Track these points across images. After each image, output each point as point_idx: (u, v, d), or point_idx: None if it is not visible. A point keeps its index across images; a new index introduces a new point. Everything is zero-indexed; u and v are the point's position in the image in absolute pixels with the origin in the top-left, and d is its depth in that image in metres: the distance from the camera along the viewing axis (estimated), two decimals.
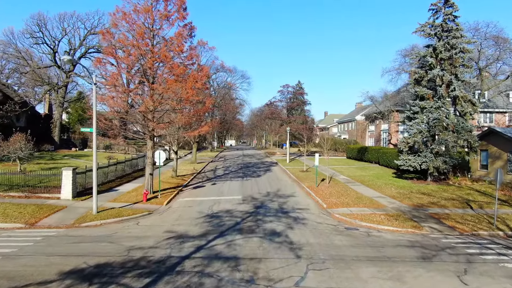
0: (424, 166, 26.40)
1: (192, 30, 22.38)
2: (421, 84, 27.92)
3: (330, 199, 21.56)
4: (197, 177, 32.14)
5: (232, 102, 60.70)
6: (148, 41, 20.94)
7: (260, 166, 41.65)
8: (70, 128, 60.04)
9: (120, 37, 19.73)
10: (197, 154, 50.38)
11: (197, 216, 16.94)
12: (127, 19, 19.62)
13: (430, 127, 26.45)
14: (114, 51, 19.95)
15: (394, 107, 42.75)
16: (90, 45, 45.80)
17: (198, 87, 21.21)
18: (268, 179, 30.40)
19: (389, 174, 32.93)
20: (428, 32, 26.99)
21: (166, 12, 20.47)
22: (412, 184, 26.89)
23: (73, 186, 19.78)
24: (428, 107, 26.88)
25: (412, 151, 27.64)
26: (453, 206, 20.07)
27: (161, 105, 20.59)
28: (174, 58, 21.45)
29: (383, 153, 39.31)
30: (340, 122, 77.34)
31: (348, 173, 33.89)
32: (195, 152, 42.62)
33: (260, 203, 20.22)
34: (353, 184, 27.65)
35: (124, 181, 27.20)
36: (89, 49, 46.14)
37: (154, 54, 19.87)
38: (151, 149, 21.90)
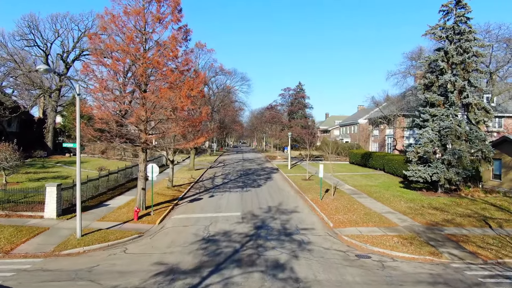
0: (435, 178, 24.81)
1: (188, 34, 20.81)
2: (431, 90, 26.33)
3: (336, 216, 19.99)
4: (194, 187, 30.56)
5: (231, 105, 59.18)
6: (139, 45, 19.38)
7: (261, 174, 40.05)
8: (66, 132, 58.45)
9: (109, 42, 18.13)
10: (195, 159, 48.78)
11: (192, 240, 15.36)
12: (116, 22, 18.02)
13: (442, 136, 24.86)
14: (102, 57, 18.37)
15: (400, 112, 41.15)
16: (84, 47, 44.17)
17: (193, 95, 19.62)
18: (269, 190, 28.81)
19: (396, 184, 31.34)
20: (439, 35, 25.40)
21: (159, 14, 18.90)
22: (422, 196, 25.30)
23: (57, 204, 18.19)
24: (439, 115, 25.29)
25: (421, 161, 26.05)
26: (470, 224, 18.50)
27: (154, 115, 19.01)
28: (168, 63, 19.90)
29: (389, 160, 37.73)
30: (342, 125, 75.72)
31: (353, 182, 32.30)
32: (193, 158, 41.06)
33: (261, 221, 18.63)
34: (360, 196, 26.07)
35: (116, 193, 25.60)
36: (83, 51, 44.52)
37: (146, 59, 18.29)
38: (143, 161, 20.33)
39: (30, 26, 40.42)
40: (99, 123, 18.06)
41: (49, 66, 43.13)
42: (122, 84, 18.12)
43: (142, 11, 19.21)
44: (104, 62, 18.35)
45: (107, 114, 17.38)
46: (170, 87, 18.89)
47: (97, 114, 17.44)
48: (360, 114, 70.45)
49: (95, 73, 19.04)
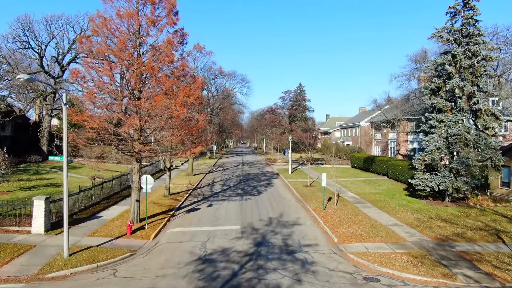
0: (442, 187, 23.81)
1: (184, 37, 19.84)
2: (438, 95, 25.34)
3: (340, 229, 18.98)
4: (192, 194, 29.54)
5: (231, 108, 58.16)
6: (133, 50, 18.38)
7: (261, 179, 39.03)
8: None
9: (101, 46, 17.13)
10: (194, 163, 47.75)
11: (187, 259, 14.34)
12: (107, 25, 17.02)
13: (450, 144, 23.85)
14: (93, 62, 17.36)
15: (403, 116, 40.12)
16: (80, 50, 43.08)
17: (190, 102, 18.61)
18: (270, 198, 27.80)
19: (400, 191, 30.33)
20: (447, 37, 24.38)
21: (153, 17, 17.88)
22: (429, 206, 24.29)
23: (45, 218, 17.18)
24: (446, 121, 24.28)
25: (428, 169, 25.04)
26: (482, 239, 17.50)
27: (148, 124, 18.00)
28: (163, 69, 18.90)
29: (392, 165, 36.71)
30: (344, 127, 74.70)
31: (356, 190, 31.29)
32: (191, 162, 40.03)
33: (261, 236, 17.62)
34: (364, 205, 25.06)
35: (111, 202, 24.59)
36: (79, 54, 43.47)
37: (140, 65, 17.27)
38: (137, 172, 19.32)
39: (23, 28, 39.41)
40: (90, 132, 17.04)
41: (44, 69, 42.25)
42: (115, 91, 17.09)
43: (135, 14, 18.21)
44: (96, 67, 17.34)
45: (98, 123, 16.36)
46: (165, 93, 17.92)
47: (88, 124, 16.42)
48: (362, 116, 69.44)
49: (86, 79, 18.12)
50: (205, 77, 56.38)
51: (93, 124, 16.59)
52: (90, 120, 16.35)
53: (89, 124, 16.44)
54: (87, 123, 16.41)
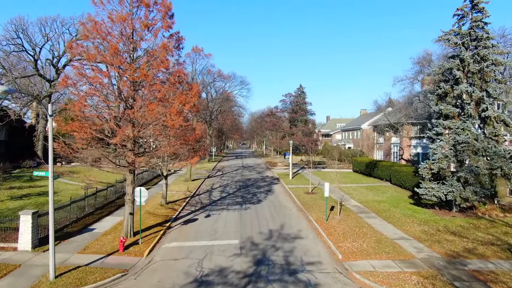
0: (450, 197, 22.85)
1: (180, 41, 18.89)
2: (445, 101, 24.39)
3: (344, 243, 18.02)
4: (190, 203, 28.57)
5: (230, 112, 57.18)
6: (126, 55, 17.43)
7: (261, 185, 38.06)
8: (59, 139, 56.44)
9: (92, 52, 16.17)
10: (193, 167, 46.79)
11: (182, 281, 13.39)
12: (98, 29, 16.06)
13: (458, 152, 22.89)
14: (83, 69, 16.42)
15: (407, 120, 39.15)
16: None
17: (187, 109, 17.66)
18: (270, 207, 26.82)
19: (405, 199, 29.36)
20: (455, 41, 23.42)
21: (147, 21, 16.93)
22: (435, 217, 23.33)
23: (33, 234, 16.22)
24: (454, 128, 23.33)
25: (434, 177, 24.08)
26: (495, 255, 16.53)
27: (141, 133, 17.05)
28: (158, 75, 17.95)
29: (396, 171, 35.74)
30: (345, 130, 73.74)
31: (359, 197, 30.33)
32: (189, 168, 39.05)
33: (262, 253, 16.65)
34: (368, 215, 24.10)
35: (104, 213, 23.63)
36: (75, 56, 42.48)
37: (133, 72, 16.31)
38: (131, 184, 18.36)
39: (17, 30, 38.43)
40: (80, 143, 16.09)
41: (38, 72, 41.26)
42: (106, 99, 16.13)
43: (129, 17, 17.28)
44: (87, 74, 16.39)
45: (89, 134, 15.42)
46: (160, 101, 16.97)
47: (77, 134, 15.48)
48: (363, 119, 68.50)
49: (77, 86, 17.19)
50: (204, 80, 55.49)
51: (83, 134, 15.65)
52: (80, 131, 15.39)
53: (79, 135, 15.50)
54: (77, 133, 15.47)
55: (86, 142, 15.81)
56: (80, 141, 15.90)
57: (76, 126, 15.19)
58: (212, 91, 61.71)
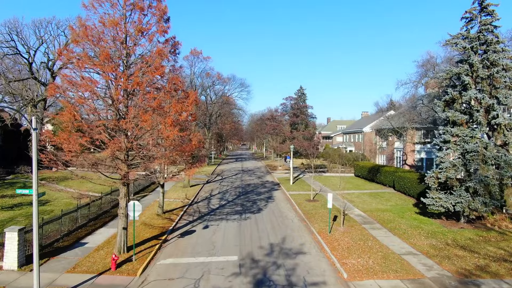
0: (458, 208, 21.94)
1: (176, 47, 18.00)
2: (452, 107, 23.48)
3: (349, 260, 17.09)
4: (188, 212, 27.63)
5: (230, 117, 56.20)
6: (119, 61, 16.52)
7: (261, 192, 37.12)
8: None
9: (82, 59, 15.26)
10: None
11: None
12: (89, 35, 15.14)
13: (466, 161, 21.97)
14: (73, 76, 15.49)
15: (410, 124, 38.21)
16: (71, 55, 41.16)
17: (183, 119, 16.74)
18: (271, 217, 25.88)
19: (410, 208, 28.43)
20: (463, 45, 22.49)
21: (141, 26, 16.00)
22: (443, 228, 22.39)
23: (19, 252, 15.28)
24: (462, 136, 22.40)
25: (441, 187, 23.17)
26: (509, 274, 15.61)
27: (134, 144, 16.11)
28: (153, 81, 17.02)
29: (400, 177, 34.80)
30: (346, 133, 72.83)
31: (363, 205, 29.39)
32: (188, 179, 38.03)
33: (262, 271, 15.71)
34: (372, 226, 23.17)
35: (98, 224, 22.69)
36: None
37: (126, 80, 15.39)
38: (124, 197, 17.42)
39: (11, 33, 37.47)
40: (68, 155, 15.17)
41: (33, 75, 40.32)
42: (96, 109, 15.20)
43: (122, 21, 16.39)
44: (77, 82, 15.46)
45: (77, 147, 14.50)
46: (154, 110, 16.05)
47: (66, 146, 14.56)
48: (365, 122, 67.59)
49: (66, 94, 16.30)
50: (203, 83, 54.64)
51: (71, 146, 14.72)
52: (68, 142, 14.48)
53: (67, 147, 14.58)
54: (65, 145, 14.54)
55: (75, 154, 14.86)
56: (69, 153, 14.95)
57: (64, 137, 14.26)
58: (211, 94, 60.89)
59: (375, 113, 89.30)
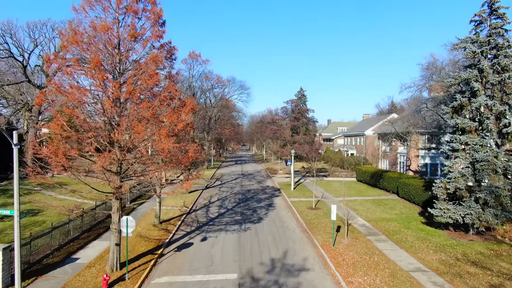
0: (468, 220, 20.99)
1: (172, 52, 17.05)
2: (461, 114, 22.56)
3: (355, 278, 16.14)
4: (185, 221, 26.67)
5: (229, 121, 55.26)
6: (110, 68, 15.58)
7: (261, 198, 36.16)
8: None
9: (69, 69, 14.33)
10: None
11: None
12: (78, 41, 14.20)
13: (476, 171, 21.03)
14: (62, 85, 14.56)
15: (415, 129, 37.27)
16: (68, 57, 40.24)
17: (180, 128, 15.78)
18: (271, 227, 24.92)
19: (415, 217, 27.46)
20: (473, 50, 21.56)
21: (134, 31, 15.05)
22: (452, 240, 21.44)
23: (4, 272, 14.32)
24: (471, 144, 21.47)
25: (450, 197, 22.23)
26: None
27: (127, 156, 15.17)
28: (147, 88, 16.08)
29: (404, 183, 33.84)
30: (347, 136, 71.90)
31: (366, 214, 28.44)
32: None
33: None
34: (378, 238, 22.22)
35: (91, 236, 21.74)
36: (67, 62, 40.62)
37: (118, 88, 14.45)
38: (117, 211, 16.47)
39: (4, 35, 36.51)
40: (56, 169, 14.23)
41: (28, 78, 39.36)
42: (84, 119, 14.25)
43: (114, 25, 15.46)
44: (66, 91, 14.52)
45: (65, 161, 13.56)
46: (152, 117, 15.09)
47: (52, 160, 13.63)
48: (367, 124, 66.68)
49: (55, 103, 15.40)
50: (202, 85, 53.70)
51: (59, 160, 13.78)
52: (55, 157, 13.54)
53: (54, 161, 13.64)
54: (51, 159, 13.61)
55: (63, 168, 13.92)
56: (56, 168, 14.01)
57: (52, 150, 13.31)
58: (210, 96, 59.95)
59: (377, 116, 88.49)
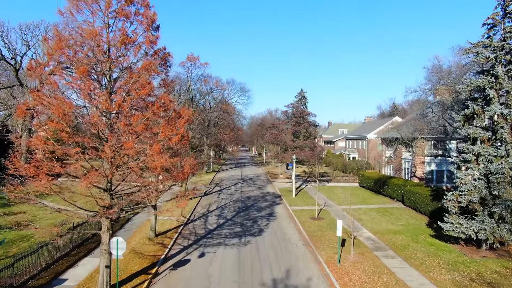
0: (482, 236, 19.80)
1: (167, 59, 15.86)
2: (473, 123, 21.38)
3: None
4: (182, 233, 25.45)
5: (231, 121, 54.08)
6: (101, 77, 14.39)
7: (262, 207, 34.94)
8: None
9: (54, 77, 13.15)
10: (191, 179, 43.91)
11: None
12: (63, 48, 13.00)
13: (491, 183, 19.85)
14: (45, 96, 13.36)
15: (420, 134, 36.08)
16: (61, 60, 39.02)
17: (175, 142, 14.58)
18: (273, 241, 23.71)
19: (423, 229, 26.26)
20: (486, 55, 20.36)
21: (124, 37, 13.85)
22: (464, 257, 20.24)
23: None
24: (485, 155, 20.28)
25: (462, 211, 21.05)
26: None
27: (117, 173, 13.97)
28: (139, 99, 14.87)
29: (410, 192, 32.63)
30: (349, 138, 70.70)
31: (372, 225, 27.23)
32: (185, 187, 35.96)
33: None
34: (385, 254, 21.02)
35: (82, 252, 20.54)
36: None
37: (106, 100, 13.25)
38: (107, 231, 15.24)
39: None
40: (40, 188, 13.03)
41: (20, 82, 38.14)
42: (71, 135, 13.03)
43: (105, 29, 14.27)
44: (50, 102, 13.31)
45: (47, 181, 12.36)
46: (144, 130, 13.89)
47: (38, 184, 12.46)
48: (369, 127, 65.49)
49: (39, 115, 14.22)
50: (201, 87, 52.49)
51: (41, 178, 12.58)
52: (35, 175, 12.35)
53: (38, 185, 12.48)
54: (35, 181, 12.44)
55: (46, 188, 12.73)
56: (40, 187, 12.82)
57: (31, 170, 12.12)
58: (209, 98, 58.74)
59: (379, 118, 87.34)
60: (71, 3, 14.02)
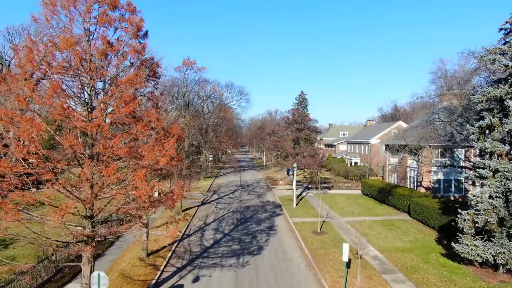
0: (500, 260, 18.24)
1: (155, 70, 14.24)
2: (488, 135, 19.81)
3: None
4: (177, 251, 23.88)
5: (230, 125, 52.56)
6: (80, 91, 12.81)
7: (261, 218, 33.34)
8: None
9: (23, 92, 11.57)
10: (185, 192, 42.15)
11: None
12: (33, 61, 11.42)
13: (509, 202, 18.27)
14: (14, 113, 11.78)
15: (427, 142, 34.49)
16: None
17: (164, 164, 12.97)
18: (273, 262, 22.12)
19: (433, 246, 24.67)
20: (504, 63, 18.77)
21: (106, 46, 12.25)
22: (480, 282, 18.66)
23: None
24: (503, 171, 18.71)
25: (478, 231, 19.47)
26: None
27: (95, 202, 12.39)
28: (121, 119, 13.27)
29: (417, 203, 31.03)
30: (350, 143, 69.11)
31: (378, 241, 25.64)
32: (180, 205, 34.31)
33: None
34: (394, 277, 19.43)
35: (67, 277, 18.93)
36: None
37: (82, 121, 11.67)
38: (88, 263, 13.64)
39: None
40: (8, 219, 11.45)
41: None
42: (43, 160, 11.44)
43: (83, 38, 12.69)
44: (20, 121, 11.73)
45: (15, 214, 10.79)
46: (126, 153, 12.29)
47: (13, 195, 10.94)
48: (371, 131, 63.94)
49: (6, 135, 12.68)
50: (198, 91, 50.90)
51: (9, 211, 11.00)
52: (5, 208, 10.78)
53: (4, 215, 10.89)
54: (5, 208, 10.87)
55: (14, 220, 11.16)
56: (8, 219, 11.24)
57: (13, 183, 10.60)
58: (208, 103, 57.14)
59: (381, 122, 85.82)
60: (46, 8, 12.45)
